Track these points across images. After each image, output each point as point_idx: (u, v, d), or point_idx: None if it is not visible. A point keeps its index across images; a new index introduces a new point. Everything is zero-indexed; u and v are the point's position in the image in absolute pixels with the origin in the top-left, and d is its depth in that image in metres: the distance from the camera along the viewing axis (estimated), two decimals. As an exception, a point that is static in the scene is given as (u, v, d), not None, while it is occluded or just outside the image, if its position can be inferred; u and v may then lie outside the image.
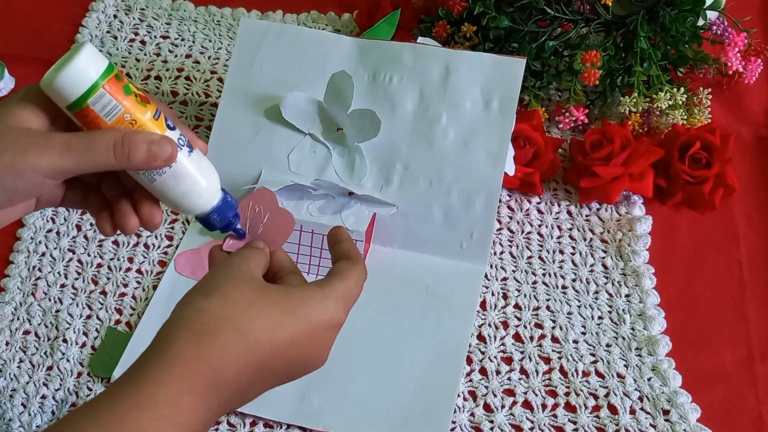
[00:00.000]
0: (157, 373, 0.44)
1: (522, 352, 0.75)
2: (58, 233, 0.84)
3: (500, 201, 0.83)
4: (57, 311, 0.79)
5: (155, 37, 1.03)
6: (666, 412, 0.70)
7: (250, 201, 0.56)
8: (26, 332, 0.77)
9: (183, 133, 0.51)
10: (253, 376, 0.48)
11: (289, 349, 0.49)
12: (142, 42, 1.03)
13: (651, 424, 0.70)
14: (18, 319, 0.78)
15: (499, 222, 0.83)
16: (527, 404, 0.71)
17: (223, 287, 0.49)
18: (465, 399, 0.72)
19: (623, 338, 0.75)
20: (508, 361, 0.74)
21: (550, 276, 0.80)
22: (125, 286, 0.80)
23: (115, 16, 1.06)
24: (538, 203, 0.86)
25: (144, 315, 0.77)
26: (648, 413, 0.70)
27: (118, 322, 0.78)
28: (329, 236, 0.56)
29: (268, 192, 0.56)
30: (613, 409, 0.71)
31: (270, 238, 0.55)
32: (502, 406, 0.71)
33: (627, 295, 0.78)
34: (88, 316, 0.78)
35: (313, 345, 0.50)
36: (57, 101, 0.47)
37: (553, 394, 0.72)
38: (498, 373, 0.73)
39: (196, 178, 0.51)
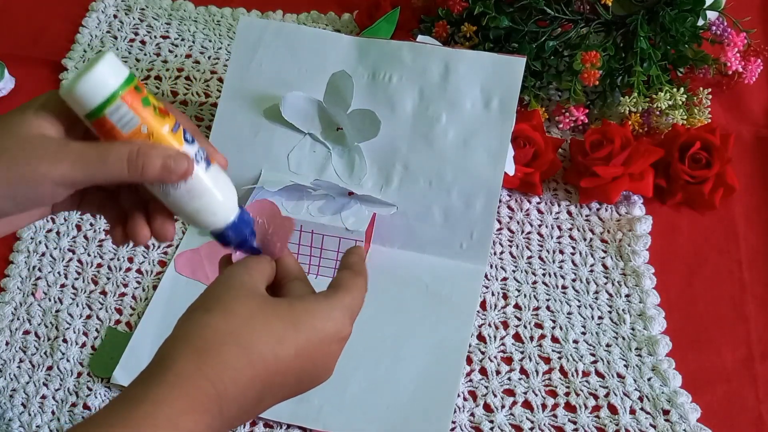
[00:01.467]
0: (157, 392, 0.43)
1: (522, 352, 0.75)
2: (58, 233, 0.84)
3: (500, 201, 0.83)
4: (57, 311, 0.79)
5: (155, 37, 1.03)
6: (666, 412, 0.70)
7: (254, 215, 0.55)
8: (26, 332, 0.77)
9: (202, 146, 0.50)
10: (260, 391, 0.47)
11: (295, 361, 0.48)
12: (142, 42, 1.03)
13: (651, 424, 0.70)
14: (18, 319, 0.78)
15: (499, 222, 0.83)
16: (527, 404, 0.71)
17: (224, 301, 0.48)
18: (465, 399, 0.72)
19: (623, 338, 0.75)
20: (508, 361, 0.74)
21: (550, 276, 0.80)
22: (125, 286, 0.80)
23: (115, 16, 1.06)
24: (538, 203, 0.85)
25: (144, 315, 0.77)
26: (648, 413, 0.70)
27: (118, 322, 0.78)
28: (347, 249, 0.55)
29: (269, 203, 0.55)
30: (613, 409, 0.71)
31: (273, 249, 0.55)
32: (502, 406, 0.71)
33: (627, 295, 0.78)
34: (88, 316, 0.78)
35: (319, 356, 0.49)
36: (75, 109, 0.46)
37: (553, 394, 0.72)
38: (498, 373, 0.73)
39: (212, 193, 0.49)
